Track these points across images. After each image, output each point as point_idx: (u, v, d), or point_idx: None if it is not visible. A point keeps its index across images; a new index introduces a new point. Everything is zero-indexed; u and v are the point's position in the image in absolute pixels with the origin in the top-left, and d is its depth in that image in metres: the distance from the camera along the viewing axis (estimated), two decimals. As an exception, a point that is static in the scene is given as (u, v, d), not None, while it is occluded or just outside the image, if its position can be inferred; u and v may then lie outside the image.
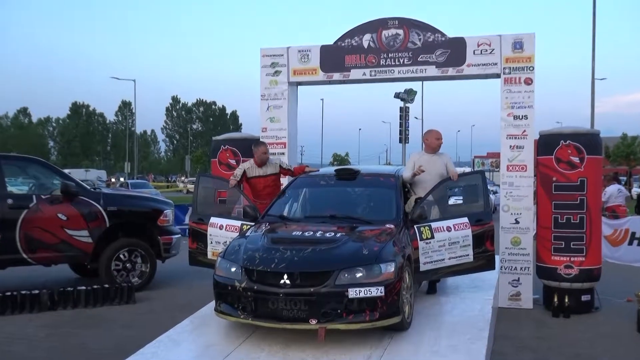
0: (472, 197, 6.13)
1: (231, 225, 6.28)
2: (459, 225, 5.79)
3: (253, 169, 6.97)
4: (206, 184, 6.79)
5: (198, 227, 6.54)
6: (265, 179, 7.00)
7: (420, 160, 6.40)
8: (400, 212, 5.66)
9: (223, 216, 6.43)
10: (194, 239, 6.60)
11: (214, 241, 6.37)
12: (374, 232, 5.21)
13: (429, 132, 6.57)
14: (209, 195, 6.71)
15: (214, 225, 6.41)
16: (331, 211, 5.78)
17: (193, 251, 6.61)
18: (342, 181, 6.40)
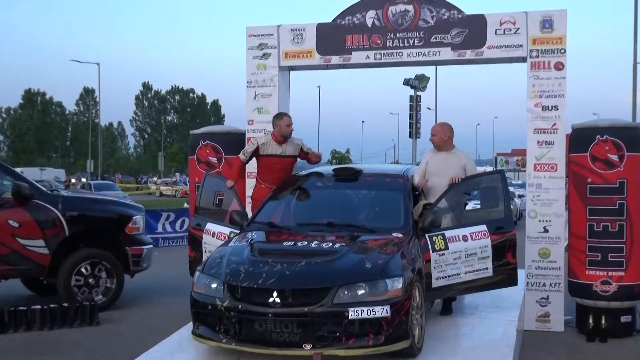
0: (491, 201, 6.16)
1: (222, 232, 6.36)
2: (476, 233, 5.82)
3: (269, 146, 6.87)
4: (210, 185, 6.92)
5: (196, 233, 6.70)
6: (282, 160, 6.89)
7: (432, 161, 6.42)
8: (409, 218, 5.69)
9: (216, 222, 6.53)
10: (193, 246, 6.77)
11: (207, 250, 6.46)
12: (379, 242, 5.23)
13: (433, 127, 6.61)
14: (210, 198, 6.85)
15: (209, 232, 6.53)
16: (328, 217, 5.80)
17: (192, 260, 6.78)
18: (341, 182, 6.42)
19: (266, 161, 6.89)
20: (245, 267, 4.83)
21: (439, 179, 6.27)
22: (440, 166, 6.33)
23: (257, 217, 6.12)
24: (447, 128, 6.52)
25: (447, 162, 6.34)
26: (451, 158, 6.38)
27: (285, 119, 6.88)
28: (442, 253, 5.67)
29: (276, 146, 6.87)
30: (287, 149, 6.91)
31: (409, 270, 4.90)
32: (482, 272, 5.82)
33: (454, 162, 6.34)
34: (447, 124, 6.63)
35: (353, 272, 4.69)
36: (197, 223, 6.75)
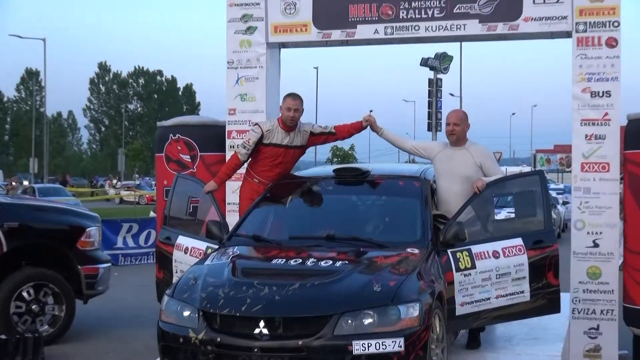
0: (527, 208, 6.19)
1: (196, 248, 6.38)
2: (510, 249, 5.84)
3: (275, 133, 6.79)
4: (183, 189, 6.92)
5: (165, 248, 6.73)
6: (286, 153, 6.82)
7: (439, 158, 6.43)
8: (427, 230, 5.71)
9: (190, 235, 6.55)
10: (161, 265, 6.79)
11: (178, 269, 6.48)
12: (390, 259, 5.24)
13: (452, 114, 6.57)
14: (182, 205, 6.86)
15: (180, 248, 6.55)
16: (328, 229, 5.82)
17: (160, 282, 6.77)
18: (344, 186, 6.45)
19: (267, 152, 6.81)
20: (225, 291, 4.83)
21: (447, 182, 6.27)
22: (448, 166, 6.32)
23: (240, 228, 6.13)
24: (466, 115, 6.54)
25: (456, 160, 6.30)
26: (460, 155, 6.35)
27: (288, 101, 6.74)
28: (468, 273, 5.68)
29: (283, 134, 6.77)
30: (295, 138, 6.82)
31: (428, 294, 4.91)
32: (517, 297, 5.83)
33: (463, 160, 6.30)
34: (464, 111, 6.67)
35: (358, 296, 4.69)
36: (167, 236, 6.76)
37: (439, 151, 6.46)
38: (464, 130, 6.44)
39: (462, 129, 6.41)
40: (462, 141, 6.43)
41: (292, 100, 6.74)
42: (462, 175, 6.23)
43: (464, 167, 6.27)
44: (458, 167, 6.26)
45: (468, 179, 6.21)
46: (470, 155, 6.34)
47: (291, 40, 8.41)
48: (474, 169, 6.27)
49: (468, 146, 6.43)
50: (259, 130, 6.75)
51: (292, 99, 6.75)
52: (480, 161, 6.32)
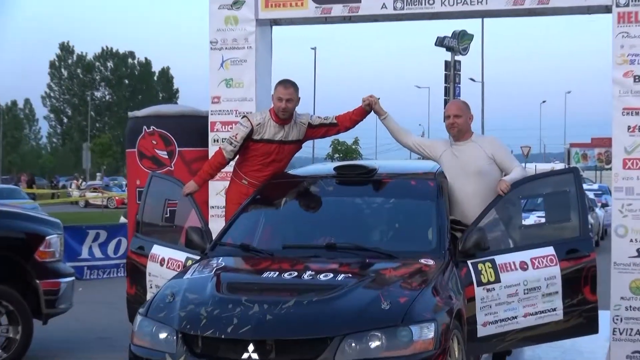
0: (560, 212, 6.22)
1: (174, 259, 6.42)
2: (540, 259, 5.86)
3: (267, 127, 6.80)
4: (158, 190, 6.94)
5: (138, 260, 6.75)
6: (281, 149, 6.84)
7: (446, 158, 6.45)
8: (444, 238, 5.73)
9: (166, 244, 6.57)
10: (134, 279, 6.81)
11: (153, 284, 6.51)
12: (401, 272, 5.26)
13: (451, 106, 6.65)
14: (157, 209, 6.89)
15: (155, 259, 6.57)
16: (328, 237, 5.85)
17: (132, 299, 6.78)
18: (346, 187, 6.47)
19: (258, 149, 6.82)
20: (208, 309, 4.84)
21: (458, 182, 6.28)
22: (457, 163, 6.34)
23: (225, 236, 6.13)
24: (468, 105, 6.60)
25: (463, 157, 6.33)
26: (468, 149, 6.38)
27: (279, 90, 6.75)
28: (491, 288, 5.71)
29: (276, 128, 6.78)
30: (291, 132, 6.85)
31: (444, 312, 4.92)
32: (548, 315, 5.85)
33: (470, 154, 6.33)
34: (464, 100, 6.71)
35: (363, 315, 4.70)
36: (139, 246, 6.79)
37: (444, 149, 6.48)
38: (467, 122, 6.47)
39: (465, 121, 6.44)
40: (467, 134, 6.47)
41: (283, 88, 6.73)
42: (474, 171, 6.26)
43: (475, 161, 6.30)
44: (468, 163, 6.30)
45: (482, 174, 6.24)
46: (479, 147, 6.38)
47: (285, 16, 8.42)
48: (486, 162, 6.30)
49: (475, 139, 6.47)
50: (248, 124, 6.74)
51: (283, 88, 6.74)
52: (492, 152, 6.35)
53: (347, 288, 4.94)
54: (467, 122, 6.47)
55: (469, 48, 40.89)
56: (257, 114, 7.00)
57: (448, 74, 39.42)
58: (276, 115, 6.76)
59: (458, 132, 6.42)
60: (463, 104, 6.60)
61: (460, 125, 6.41)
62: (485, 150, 6.35)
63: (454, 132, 6.43)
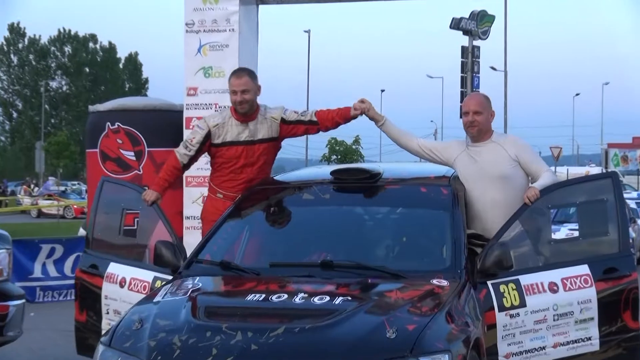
0: (596, 224, 6.22)
1: (139, 279, 6.42)
2: (572, 280, 5.87)
3: (228, 128, 6.87)
4: (114, 198, 6.94)
5: (90, 280, 6.72)
6: (251, 150, 6.90)
7: (461, 160, 6.48)
8: (460, 255, 5.74)
9: (127, 261, 6.57)
10: (83, 303, 6.77)
11: (110, 310, 6.49)
12: (409, 294, 5.27)
13: (470, 100, 6.67)
14: (113, 220, 6.88)
15: (113, 279, 6.55)
16: (323, 253, 5.86)
17: (82, 327, 6.75)
18: (345, 194, 6.48)
19: (223, 154, 6.89)
20: (182, 338, 4.83)
21: (478, 189, 6.30)
22: (475, 168, 6.36)
23: (202, 252, 6.15)
24: (489, 100, 6.62)
25: (481, 159, 6.36)
26: (488, 151, 6.41)
27: (232, 82, 6.81)
28: (515, 313, 5.71)
29: (238, 127, 6.85)
30: (259, 129, 6.89)
31: (460, 342, 4.92)
32: (582, 345, 5.85)
33: (491, 157, 6.36)
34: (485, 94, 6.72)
35: (365, 345, 4.70)
36: (91, 264, 6.75)
37: (460, 152, 6.51)
38: (488, 120, 6.50)
39: (486, 118, 6.47)
40: (487, 134, 6.50)
41: (236, 78, 6.79)
42: (496, 176, 6.29)
43: (497, 165, 6.33)
44: (489, 166, 6.32)
45: (505, 179, 6.28)
46: (501, 148, 6.41)
47: (273, -7, 8.43)
48: (510, 165, 6.34)
49: (496, 138, 6.51)
50: (205, 126, 6.82)
51: (236, 78, 6.81)
52: (516, 154, 6.38)
53: (346, 313, 4.93)
54: (489, 120, 6.50)
55: (489, 31, 40.92)
56: (216, 114, 7.05)
57: (465, 61, 39.40)
58: (236, 111, 6.80)
59: (478, 132, 6.44)
60: (484, 99, 6.61)
61: (480, 124, 6.44)
62: (508, 152, 6.37)
63: (474, 131, 6.45)
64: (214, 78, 8.43)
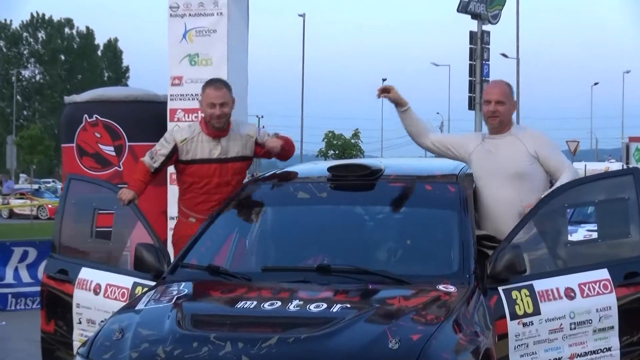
0: (616, 225, 6.21)
1: (116, 286, 6.39)
2: (591, 285, 5.86)
3: (197, 144, 6.89)
4: (80, 198, 6.92)
5: (58, 287, 6.68)
6: (224, 169, 6.94)
7: (477, 154, 6.50)
8: (469, 258, 5.75)
9: (100, 266, 6.54)
10: (51, 312, 6.74)
11: (83, 319, 6.47)
12: (413, 301, 5.27)
13: (491, 87, 6.71)
14: (84, 221, 6.85)
15: (85, 285, 6.52)
16: (320, 257, 5.87)
17: (48, 338, 6.74)
18: (344, 192, 6.48)
19: (193, 173, 6.93)
20: (167, 349, 4.83)
21: (491, 186, 6.31)
22: (491, 162, 6.38)
23: (188, 256, 6.15)
24: (512, 89, 6.64)
25: (498, 153, 6.37)
26: (506, 144, 6.41)
27: (209, 93, 6.83)
28: (528, 322, 5.71)
29: (210, 144, 6.89)
30: (232, 146, 6.94)
31: (469, 353, 4.92)
32: (601, 357, 5.85)
33: (509, 151, 6.37)
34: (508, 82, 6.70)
35: (365, 356, 4.70)
36: (60, 269, 6.70)
37: (476, 145, 6.51)
38: (510, 111, 6.52)
39: (508, 109, 6.49)
40: (507, 126, 6.52)
41: (214, 90, 6.80)
42: (512, 173, 6.30)
43: (513, 160, 6.35)
44: (505, 161, 6.34)
45: (521, 177, 6.29)
46: (519, 142, 6.42)
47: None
48: (528, 161, 6.35)
49: (515, 131, 6.52)
50: (171, 140, 6.84)
51: (214, 89, 6.82)
52: (535, 149, 6.40)
53: (345, 322, 4.93)
54: (510, 111, 6.52)
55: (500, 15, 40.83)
56: (183, 128, 7.10)
57: (474, 48, 39.33)
58: (208, 126, 6.84)
59: (499, 124, 6.46)
60: (507, 87, 6.62)
61: (502, 115, 6.46)
62: (527, 146, 6.39)
63: (495, 122, 6.46)
64: (200, 66, 8.44)
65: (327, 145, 62.55)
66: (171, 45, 8.57)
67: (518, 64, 50.38)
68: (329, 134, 62.07)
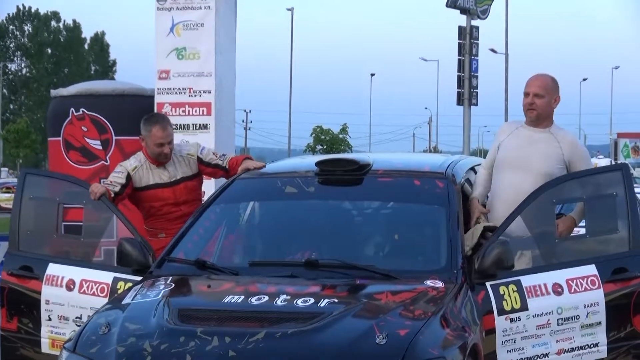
0: (604, 221, 6.21)
1: (94, 281, 6.34)
2: (578, 281, 5.86)
3: (145, 171, 7.06)
4: (40, 193, 6.88)
5: (22, 284, 6.59)
6: (171, 190, 7.10)
7: (509, 142, 6.45)
8: (457, 253, 5.75)
9: (73, 261, 6.51)
10: (14, 309, 6.64)
11: (54, 315, 6.42)
12: (401, 296, 5.27)
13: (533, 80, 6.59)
14: (47, 216, 6.79)
15: (55, 281, 6.46)
16: (308, 252, 5.85)
17: (11, 336, 6.65)
18: (332, 187, 6.48)
19: (150, 197, 7.08)
20: (153, 343, 4.83)
21: (515, 176, 6.29)
22: (522, 152, 6.36)
23: (175, 250, 6.14)
24: (557, 83, 6.55)
25: (536, 146, 6.34)
26: (542, 140, 6.39)
27: (156, 134, 6.95)
28: (516, 317, 5.71)
29: (158, 171, 7.06)
30: (176, 169, 7.11)
31: (456, 348, 4.92)
32: (589, 352, 5.86)
33: (544, 148, 6.36)
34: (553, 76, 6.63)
35: (353, 352, 4.70)
36: (23, 265, 6.60)
37: (510, 132, 6.46)
38: (550, 105, 6.46)
39: (547, 103, 6.43)
40: (547, 120, 6.47)
41: (162, 130, 6.94)
42: (542, 172, 6.26)
43: (547, 160, 6.32)
44: (537, 158, 6.29)
45: (549, 177, 6.23)
46: (557, 143, 6.39)
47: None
48: (559, 165, 6.33)
49: (555, 130, 6.47)
50: (123, 170, 6.99)
51: (161, 130, 6.95)
52: (570, 158, 6.38)
53: (332, 317, 4.93)
54: (551, 105, 6.46)
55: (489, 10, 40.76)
56: (130, 159, 7.16)
57: (463, 43, 39.24)
58: (151, 157, 7.04)
59: (537, 117, 6.42)
60: (550, 81, 6.54)
61: (540, 108, 6.41)
62: (563, 150, 6.37)
63: (532, 115, 6.42)
64: (188, 60, 8.41)
65: (315, 140, 62.30)
66: (158, 39, 8.54)
67: (507, 60, 50.35)
68: (316, 129, 61.78)
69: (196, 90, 8.40)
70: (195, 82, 8.38)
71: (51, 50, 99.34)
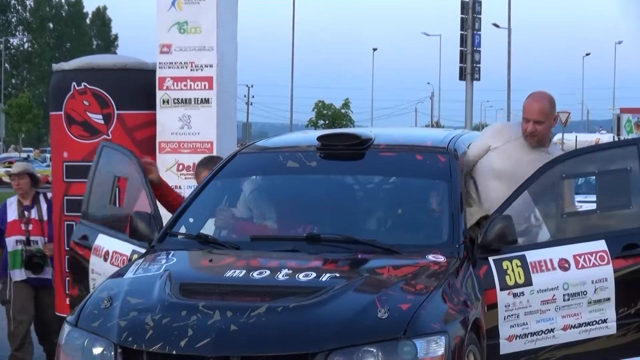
0: (615, 196, 6.19)
1: (119, 253, 6.44)
2: (586, 256, 5.83)
3: None
4: (109, 164, 7.00)
5: (80, 252, 6.80)
6: None
7: (506, 150, 6.34)
8: (458, 228, 5.75)
9: (112, 232, 6.62)
10: (76, 277, 6.90)
11: (97, 284, 6.47)
12: (402, 271, 5.28)
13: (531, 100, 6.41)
14: (106, 189, 6.95)
15: (99, 251, 6.59)
16: (309, 226, 5.86)
17: (75, 303, 6.76)
18: (333, 161, 6.47)
19: None
20: (155, 318, 4.84)
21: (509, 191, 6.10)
22: (518, 167, 6.26)
23: (177, 224, 6.14)
24: (554, 103, 6.42)
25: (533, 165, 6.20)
26: (536, 158, 6.25)
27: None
28: (519, 292, 5.69)
29: None
30: None
31: (458, 322, 4.94)
32: (596, 328, 5.83)
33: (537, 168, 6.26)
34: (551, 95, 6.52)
35: (354, 326, 4.71)
36: (83, 235, 6.80)
37: (507, 141, 6.31)
38: (549, 127, 6.39)
39: (548, 127, 6.35)
40: (545, 140, 6.39)
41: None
42: None
43: None
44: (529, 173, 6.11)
45: None
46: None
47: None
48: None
49: (552, 150, 6.40)
50: None
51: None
52: None
53: (334, 291, 4.94)
54: (550, 127, 6.38)
55: (492, -16, 40.70)
56: None
57: (465, 17, 39.15)
58: None
59: (537, 142, 6.32)
60: (549, 104, 6.35)
61: (541, 134, 6.29)
62: None
63: (533, 142, 6.29)
64: (189, 34, 8.39)
65: (317, 115, 62.38)
66: (160, 13, 8.51)
67: (509, 34, 50.28)
68: (319, 104, 61.90)
69: (198, 65, 8.37)
70: (197, 56, 8.35)
71: (53, 24, 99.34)
